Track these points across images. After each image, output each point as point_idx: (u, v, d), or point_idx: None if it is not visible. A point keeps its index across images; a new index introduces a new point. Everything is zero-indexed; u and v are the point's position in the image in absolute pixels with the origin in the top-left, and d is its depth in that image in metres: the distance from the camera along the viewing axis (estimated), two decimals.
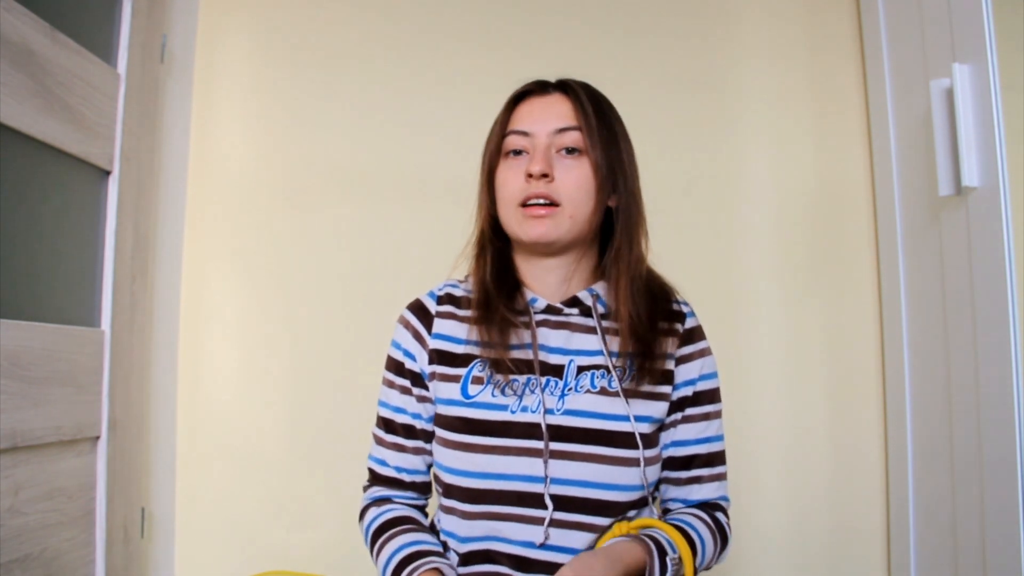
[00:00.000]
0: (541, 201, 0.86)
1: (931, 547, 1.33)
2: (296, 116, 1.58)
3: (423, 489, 0.97)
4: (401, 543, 0.86)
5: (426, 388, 0.93)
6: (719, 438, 0.95)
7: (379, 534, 0.89)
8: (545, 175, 0.85)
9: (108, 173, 1.33)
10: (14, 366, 1.06)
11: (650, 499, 0.89)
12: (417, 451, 0.94)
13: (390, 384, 0.95)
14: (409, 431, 0.94)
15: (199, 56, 1.59)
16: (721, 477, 0.94)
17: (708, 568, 0.91)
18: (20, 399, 1.08)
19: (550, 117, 0.89)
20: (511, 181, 0.88)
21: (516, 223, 0.88)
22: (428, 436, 0.94)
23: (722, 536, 0.91)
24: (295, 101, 1.59)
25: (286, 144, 1.57)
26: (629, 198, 0.90)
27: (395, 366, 0.95)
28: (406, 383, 0.94)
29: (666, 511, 0.96)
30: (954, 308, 1.24)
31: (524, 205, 0.87)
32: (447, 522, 0.90)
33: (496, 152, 0.91)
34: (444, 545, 0.91)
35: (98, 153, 1.29)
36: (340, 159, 1.57)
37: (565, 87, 0.91)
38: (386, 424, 0.95)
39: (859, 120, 1.58)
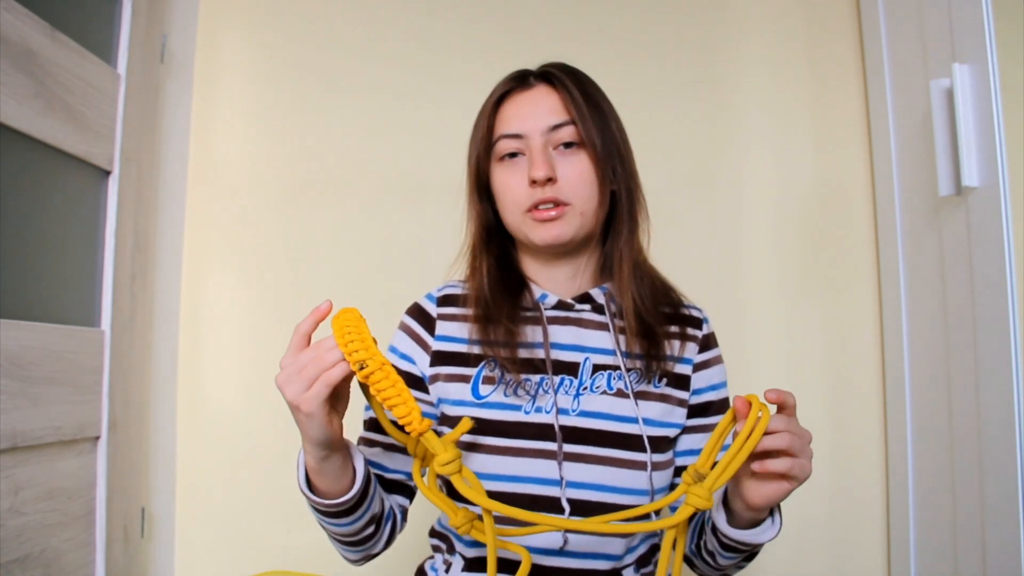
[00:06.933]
0: (550, 204, 0.83)
1: (931, 546, 1.33)
2: (296, 116, 1.58)
3: (401, 491, 0.90)
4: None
5: (424, 391, 0.90)
6: None
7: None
8: (550, 179, 0.83)
9: (108, 173, 1.33)
10: (14, 366, 1.06)
11: (653, 512, 0.85)
12: (392, 448, 0.88)
13: None
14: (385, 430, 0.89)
15: (199, 56, 1.59)
16: None
17: (726, 572, 0.87)
18: (20, 399, 1.08)
19: (541, 114, 0.85)
20: (513, 187, 0.85)
21: (527, 228, 0.86)
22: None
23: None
24: (295, 101, 1.59)
25: (286, 144, 1.57)
26: (629, 180, 0.88)
27: None
28: None
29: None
30: (954, 308, 1.24)
31: (532, 209, 0.84)
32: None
33: (486, 156, 0.88)
34: (451, 548, 0.89)
35: (98, 153, 1.29)
36: (340, 159, 1.57)
37: (548, 77, 0.87)
38: (368, 424, 0.91)
39: (859, 120, 1.58)
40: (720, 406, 0.91)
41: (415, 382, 0.90)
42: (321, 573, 1.05)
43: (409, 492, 0.91)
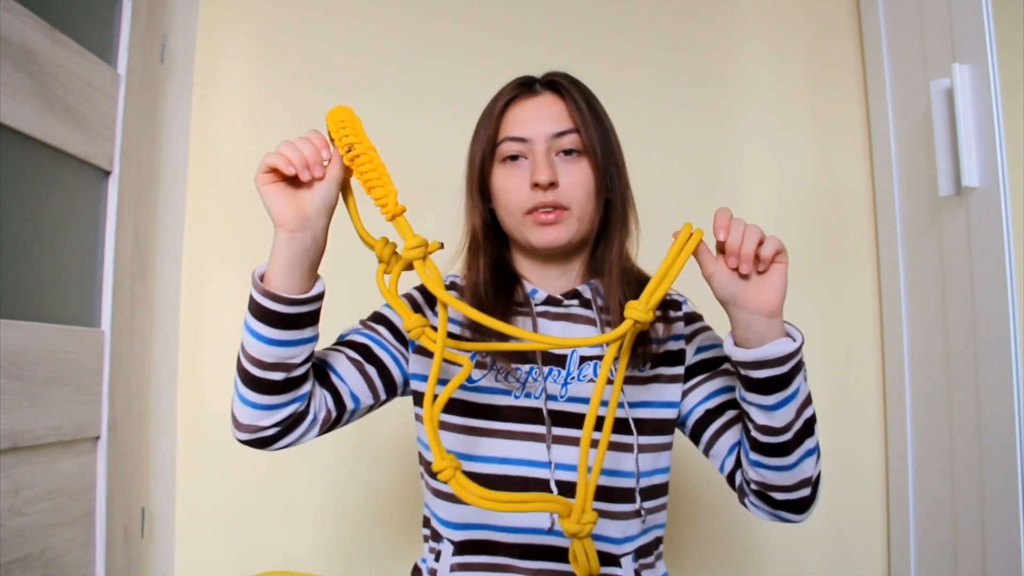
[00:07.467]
0: (549, 208, 0.86)
1: (931, 548, 1.33)
2: (296, 116, 1.58)
3: (334, 396, 0.87)
4: None
5: (404, 348, 0.91)
6: None
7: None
8: (553, 184, 0.85)
9: (108, 173, 1.33)
10: (14, 366, 1.06)
11: (637, 493, 0.86)
12: (354, 363, 0.88)
13: (362, 323, 0.94)
14: (357, 348, 0.90)
15: (199, 56, 1.59)
16: None
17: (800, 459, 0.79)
18: (20, 399, 1.08)
19: (546, 120, 0.88)
20: (513, 189, 0.88)
21: (525, 230, 0.88)
22: (374, 371, 0.89)
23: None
24: (295, 101, 1.59)
25: None
26: (624, 190, 0.92)
27: (376, 316, 0.93)
28: (381, 328, 0.92)
29: (736, 467, 0.87)
30: (954, 308, 1.24)
31: (531, 211, 0.87)
32: (440, 508, 0.89)
33: (489, 156, 0.91)
34: (436, 534, 0.90)
35: (98, 153, 1.29)
36: None
37: (555, 85, 0.91)
38: (341, 340, 0.92)
39: (859, 120, 1.58)
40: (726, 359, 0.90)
41: (397, 335, 0.91)
42: (321, 573, 1.05)
43: (340, 407, 0.88)
